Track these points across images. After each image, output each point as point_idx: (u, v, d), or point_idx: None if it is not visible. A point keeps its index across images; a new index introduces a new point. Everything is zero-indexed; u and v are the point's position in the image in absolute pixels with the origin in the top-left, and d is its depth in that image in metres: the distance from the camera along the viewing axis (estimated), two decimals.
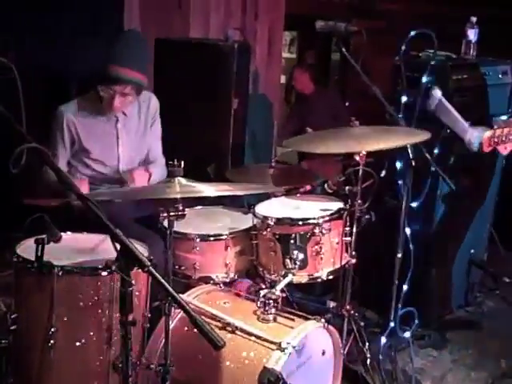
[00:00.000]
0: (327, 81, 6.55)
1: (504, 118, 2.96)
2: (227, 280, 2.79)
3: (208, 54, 4.03)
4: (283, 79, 6.45)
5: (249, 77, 4.19)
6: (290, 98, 6.24)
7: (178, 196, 2.18)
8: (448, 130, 3.16)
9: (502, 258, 4.23)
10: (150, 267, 1.72)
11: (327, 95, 5.41)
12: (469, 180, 3.52)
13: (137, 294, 2.17)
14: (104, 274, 2.12)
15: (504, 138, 2.69)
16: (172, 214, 2.21)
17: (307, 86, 5.30)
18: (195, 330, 1.74)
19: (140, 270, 1.75)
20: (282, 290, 2.64)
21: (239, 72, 3.97)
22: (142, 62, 2.94)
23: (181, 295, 2.48)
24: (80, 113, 2.94)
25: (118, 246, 1.74)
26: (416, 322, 3.22)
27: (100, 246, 2.40)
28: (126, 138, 3.04)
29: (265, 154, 5.07)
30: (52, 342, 2.09)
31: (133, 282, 1.78)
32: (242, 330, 2.35)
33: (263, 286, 2.68)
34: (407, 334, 3.18)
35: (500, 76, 3.75)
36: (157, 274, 1.75)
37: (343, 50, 2.99)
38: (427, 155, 3.21)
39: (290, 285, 2.74)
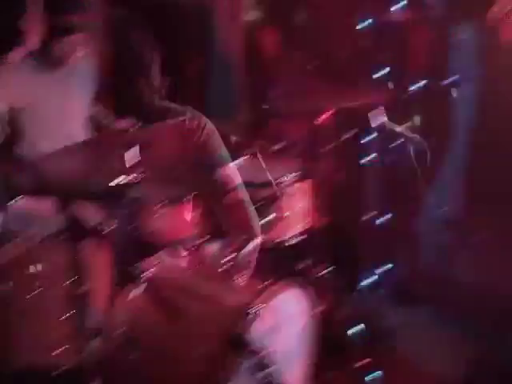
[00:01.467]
0: None
1: None
2: (193, 244, 2.73)
3: None
4: None
5: None
6: None
7: None
8: None
9: None
10: (103, 232, 1.64)
11: None
12: None
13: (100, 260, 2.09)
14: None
15: None
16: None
17: None
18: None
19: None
20: (251, 253, 2.60)
21: None
22: None
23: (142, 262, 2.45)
24: None
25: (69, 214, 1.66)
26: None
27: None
28: None
29: None
30: None
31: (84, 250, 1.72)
32: (208, 297, 2.30)
33: (231, 250, 2.64)
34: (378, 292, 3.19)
35: None
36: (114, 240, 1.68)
37: None
38: None
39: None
